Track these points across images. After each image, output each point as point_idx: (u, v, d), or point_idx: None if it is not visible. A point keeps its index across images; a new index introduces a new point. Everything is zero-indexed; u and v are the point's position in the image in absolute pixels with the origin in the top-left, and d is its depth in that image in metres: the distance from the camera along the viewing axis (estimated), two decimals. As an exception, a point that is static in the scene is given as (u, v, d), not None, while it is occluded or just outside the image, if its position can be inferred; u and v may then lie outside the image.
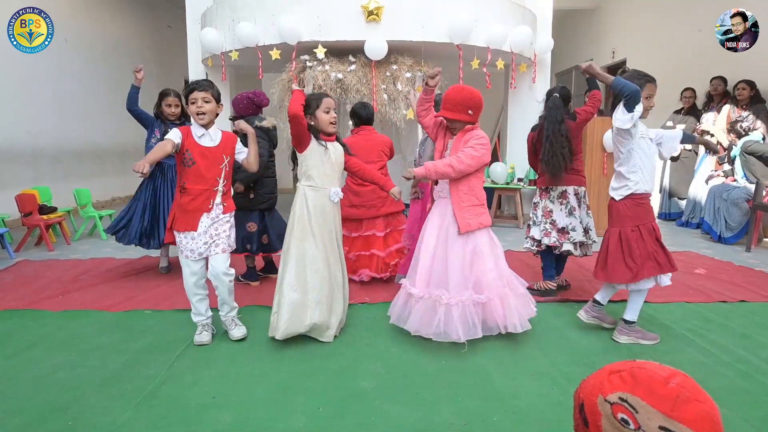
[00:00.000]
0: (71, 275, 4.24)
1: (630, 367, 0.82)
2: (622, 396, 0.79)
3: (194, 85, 2.69)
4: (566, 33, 10.80)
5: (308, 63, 5.49)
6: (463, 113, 2.75)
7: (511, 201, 7.16)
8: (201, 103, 2.66)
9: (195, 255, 2.73)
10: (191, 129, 2.72)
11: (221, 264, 2.75)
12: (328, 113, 2.82)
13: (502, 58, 6.11)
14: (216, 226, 2.74)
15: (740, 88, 5.92)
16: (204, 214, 2.70)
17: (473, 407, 2.14)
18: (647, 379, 0.78)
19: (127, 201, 9.36)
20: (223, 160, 2.73)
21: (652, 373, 0.79)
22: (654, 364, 0.82)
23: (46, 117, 7.48)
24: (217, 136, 2.74)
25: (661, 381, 0.77)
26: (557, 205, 3.56)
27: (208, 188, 2.69)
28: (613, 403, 0.80)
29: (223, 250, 2.77)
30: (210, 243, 2.73)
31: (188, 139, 2.67)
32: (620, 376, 0.81)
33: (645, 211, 2.79)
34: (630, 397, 0.78)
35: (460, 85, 2.87)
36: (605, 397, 0.81)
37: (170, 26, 11.09)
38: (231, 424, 2.01)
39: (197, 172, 2.67)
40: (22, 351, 2.72)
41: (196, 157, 2.66)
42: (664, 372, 0.79)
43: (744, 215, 5.41)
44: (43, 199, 5.77)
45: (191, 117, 2.73)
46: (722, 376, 2.44)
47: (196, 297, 2.81)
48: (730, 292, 3.73)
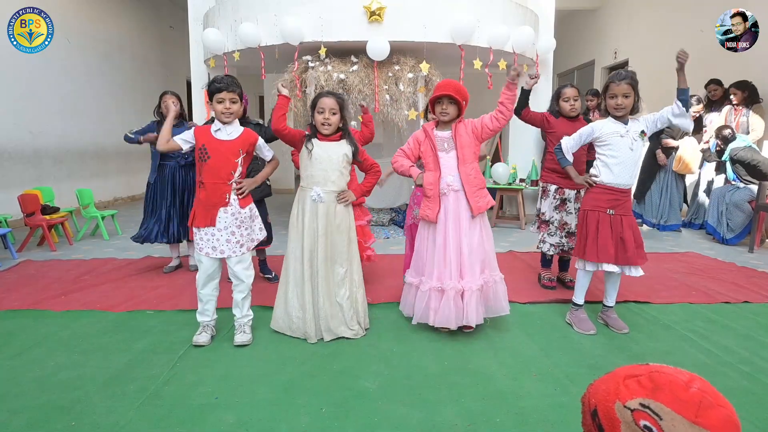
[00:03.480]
0: (73, 275, 4.25)
1: (648, 371, 0.79)
2: (643, 402, 0.76)
3: (222, 85, 2.65)
4: (568, 33, 10.79)
5: (310, 63, 5.50)
6: (462, 99, 2.88)
7: (513, 201, 7.15)
8: (229, 104, 2.67)
9: (216, 253, 2.72)
10: (210, 126, 2.75)
11: (242, 263, 2.78)
12: (322, 114, 2.81)
13: (504, 58, 6.11)
14: (238, 223, 2.74)
15: (731, 92, 5.93)
16: (221, 208, 2.70)
17: (476, 408, 2.14)
18: (668, 384, 0.76)
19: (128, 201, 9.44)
20: (238, 154, 2.72)
21: (673, 378, 0.76)
22: (671, 368, 0.79)
23: (48, 117, 7.49)
24: (235, 132, 2.74)
25: (683, 386, 0.75)
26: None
27: (223, 182, 2.69)
28: (634, 409, 0.76)
29: (248, 248, 2.80)
30: (234, 242, 2.73)
31: (205, 136, 2.70)
32: (638, 380, 0.79)
33: (604, 200, 2.93)
34: (652, 403, 0.75)
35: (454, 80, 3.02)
36: (624, 404, 0.78)
37: (172, 26, 11.11)
38: (234, 425, 2.01)
39: (212, 165, 2.67)
40: (24, 351, 2.73)
41: (212, 151, 2.67)
42: (683, 376, 0.76)
43: (746, 217, 5.41)
44: (45, 199, 5.78)
45: (215, 114, 2.71)
46: (725, 377, 2.43)
47: (207, 297, 2.82)
48: (734, 293, 3.72)
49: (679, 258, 4.89)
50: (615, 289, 3.07)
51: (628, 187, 2.94)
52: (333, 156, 2.84)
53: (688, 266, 4.55)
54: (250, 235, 2.82)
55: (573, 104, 3.63)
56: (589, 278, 3.07)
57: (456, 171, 2.91)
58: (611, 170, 2.91)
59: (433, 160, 2.94)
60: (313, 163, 2.84)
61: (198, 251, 2.76)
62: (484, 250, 2.97)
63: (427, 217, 2.96)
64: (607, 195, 2.92)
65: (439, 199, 2.93)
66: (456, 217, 2.91)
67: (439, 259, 2.92)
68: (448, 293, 2.86)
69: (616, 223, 2.89)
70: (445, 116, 2.92)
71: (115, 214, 6.26)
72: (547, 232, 3.72)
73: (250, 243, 2.83)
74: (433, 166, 2.93)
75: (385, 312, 3.29)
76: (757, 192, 5.31)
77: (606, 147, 2.93)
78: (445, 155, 2.93)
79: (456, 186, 2.91)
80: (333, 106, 2.80)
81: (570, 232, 3.66)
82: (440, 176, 2.92)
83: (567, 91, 3.66)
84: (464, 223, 2.91)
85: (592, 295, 3.43)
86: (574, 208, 3.65)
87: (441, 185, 2.92)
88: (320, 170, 2.83)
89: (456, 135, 2.91)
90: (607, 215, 2.90)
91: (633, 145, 2.87)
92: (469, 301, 2.85)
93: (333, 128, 2.84)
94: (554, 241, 3.71)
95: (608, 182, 2.92)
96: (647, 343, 2.84)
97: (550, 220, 3.70)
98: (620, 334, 2.96)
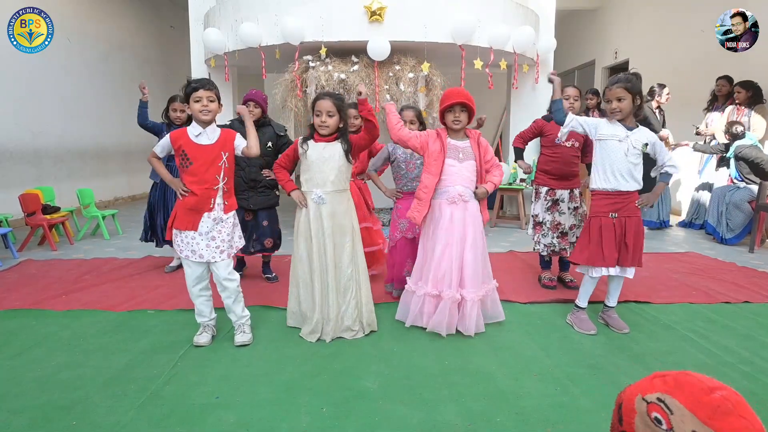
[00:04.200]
0: (74, 275, 4.25)
1: (677, 373, 0.81)
2: (660, 397, 0.79)
3: (198, 84, 2.65)
4: (569, 33, 10.79)
5: (311, 63, 5.50)
6: (473, 106, 2.92)
7: (514, 202, 7.15)
8: (206, 102, 2.65)
9: (195, 257, 2.69)
10: (187, 130, 2.70)
11: (222, 270, 2.73)
12: (319, 116, 2.81)
13: (505, 58, 6.11)
14: (219, 228, 2.71)
15: (736, 90, 5.92)
16: (205, 213, 2.68)
17: (477, 408, 2.14)
18: (690, 386, 0.78)
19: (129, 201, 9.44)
20: (221, 157, 2.69)
21: (698, 382, 0.78)
22: (702, 376, 0.80)
23: (49, 117, 7.50)
24: (214, 134, 2.71)
25: (706, 390, 0.76)
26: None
27: (209, 187, 2.67)
28: (650, 402, 0.80)
29: (229, 255, 2.75)
30: (213, 247, 2.70)
31: (183, 140, 2.66)
32: (664, 379, 0.81)
33: (604, 205, 2.92)
34: (668, 398, 0.78)
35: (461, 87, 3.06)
36: (643, 396, 0.81)
37: (173, 26, 11.11)
38: (234, 424, 2.01)
39: (196, 171, 2.65)
40: (25, 351, 2.73)
41: (193, 156, 2.65)
42: (711, 383, 0.78)
43: (746, 216, 5.41)
44: (46, 198, 5.79)
45: (193, 115, 2.69)
46: (726, 378, 2.43)
47: (199, 299, 2.81)
48: (734, 293, 3.72)
49: (680, 258, 4.89)
50: (618, 290, 3.07)
51: (630, 191, 2.88)
52: (327, 156, 2.83)
53: (688, 266, 4.55)
54: (230, 242, 2.77)
55: (572, 104, 3.66)
56: (594, 284, 3.05)
57: (468, 182, 2.94)
58: (603, 174, 2.89)
59: (437, 166, 2.91)
60: (310, 166, 2.85)
61: (179, 252, 2.75)
62: (485, 260, 3.02)
63: (414, 219, 2.97)
64: (606, 200, 2.90)
65: (430, 204, 2.94)
66: (462, 227, 2.91)
67: (437, 266, 2.91)
68: (445, 301, 2.87)
69: (620, 226, 2.87)
70: (457, 124, 2.93)
71: (115, 213, 6.26)
72: (540, 233, 3.76)
73: (230, 250, 2.78)
74: (435, 171, 2.92)
75: (386, 312, 3.29)
76: (757, 192, 5.31)
77: (601, 147, 2.91)
78: (458, 164, 2.92)
79: (467, 197, 2.93)
80: (330, 108, 2.79)
81: (563, 233, 3.69)
82: (438, 182, 2.91)
83: (568, 90, 3.69)
84: (470, 234, 2.92)
85: (593, 296, 3.41)
86: (567, 207, 3.67)
87: (451, 194, 2.91)
88: (317, 171, 2.83)
89: (478, 147, 2.97)
90: (610, 219, 2.87)
91: (629, 152, 2.83)
92: (470, 311, 2.87)
93: (331, 130, 2.83)
94: (547, 241, 3.75)
95: (603, 188, 2.91)
96: (648, 343, 2.84)
97: (543, 221, 3.74)
98: (621, 334, 2.96)
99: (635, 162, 2.86)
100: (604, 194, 2.91)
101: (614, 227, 2.87)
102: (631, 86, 2.81)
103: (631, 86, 2.81)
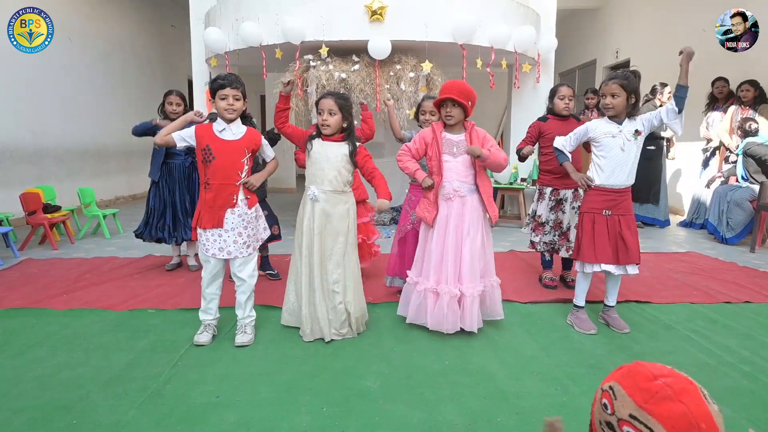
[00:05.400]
0: (75, 274, 4.26)
1: (635, 363, 0.87)
2: (611, 385, 0.86)
3: (226, 81, 2.64)
4: (570, 33, 10.78)
5: (312, 63, 5.50)
6: (467, 101, 2.85)
7: (514, 201, 7.15)
8: (232, 100, 2.65)
9: (223, 254, 2.71)
10: (212, 126, 2.71)
11: (247, 265, 2.79)
12: (321, 115, 2.82)
13: (506, 58, 6.10)
14: (245, 224, 2.74)
15: (744, 89, 5.89)
16: (228, 210, 2.70)
17: (477, 407, 2.14)
18: (637, 374, 0.84)
19: (130, 200, 9.45)
20: (244, 153, 2.71)
21: (644, 370, 0.84)
22: (656, 365, 0.85)
23: (50, 116, 7.50)
24: (239, 131, 2.73)
25: (649, 377, 0.82)
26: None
27: (231, 183, 2.69)
28: (604, 390, 0.87)
29: (254, 248, 2.82)
30: (240, 243, 2.73)
31: (207, 136, 2.68)
32: (621, 370, 0.88)
33: (598, 201, 2.93)
34: (616, 385, 0.85)
35: (460, 80, 3.00)
36: (602, 386, 0.89)
37: (174, 25, 11.11)
38: (235, 424, 2.02)
39: (218, 166, 2.66)
40: (26, 350, 2.73)
41: (216, 151, 2.66)
42: (657, 371, 0.83)
43: (747, 216, 5.40)
44: (47, 198, 5.79)
45: (217, 111, 2.69)
46: (726, 377, 2.43)
47: (210, 296, 2.82)
48: (735, 293, 3.72)
49: (680, 258, 4.88)
50: (616, 288, 3.07)
51: (624, 187, 2.91)
52: (331, 156, 2.82)
53: (689, 266, 4.54)
54: (255, 236, 2.83)
55: (567, 103, 3.67)
56: (588, 280, 3.07)
57: (464, 176, 2.91)
58: (603, 171, 2.91)
59: (437, 165, 2.91)
60: (312, 163, 2.86)
61: (204, 252, 2.75)
62: (486, 256, 2.98)
63: (425, 219, 2.96)
64: (601, 196, 2.92)
65: (438, 204, 2.92)
66: (459, 222, 2.90)
67: (437, 262, 2.91)
68: (443, 297, 2.85)
69: (614, 224, 2.88)
70: (449, 119, 2.90)
71: (116, 212, 6.27)
72: (543, 233, 3.75)
73: (256, 243, 2.84)
74: (437, 170, 2.91)
75: (386, 311, 3.30)
76: (758, 191, 5.30)
77: (598, 147, 2.93)
78: (452, 159, 2.90)
79: (463, 192, 2.91)
80: (331, 107, 2.79)
81: (564, 231, 3.69)
82: (441, 182, 2.90)
83: (563, 89, 3.71)
84: (468, 229, 2.90)
85: (593, 295, 3.43)
86: (570, 207, 3.67)
87: (447, 190, 2.91)
88: (318, 170, 2.83)
89: (471, 141, 2.89)
90: (603, 216, 2.90)
91: (625, 145, 2.85)
92: (470, 307, 2.86)
93: (333, 129, 2.82)
94: (547, 239, 3.75)
95: (601, 183, 2.92)
96: (648, 343, 2.84)
97: (546, 221, 3.73)
98: (621, 334, 2.96)
99: (633, 154, 2.88)
100: (601, 190, 2.92)
101: (607, 224, 2.88)
102: (627, 84, 2.80)
103: (627, 84, 2.80)
